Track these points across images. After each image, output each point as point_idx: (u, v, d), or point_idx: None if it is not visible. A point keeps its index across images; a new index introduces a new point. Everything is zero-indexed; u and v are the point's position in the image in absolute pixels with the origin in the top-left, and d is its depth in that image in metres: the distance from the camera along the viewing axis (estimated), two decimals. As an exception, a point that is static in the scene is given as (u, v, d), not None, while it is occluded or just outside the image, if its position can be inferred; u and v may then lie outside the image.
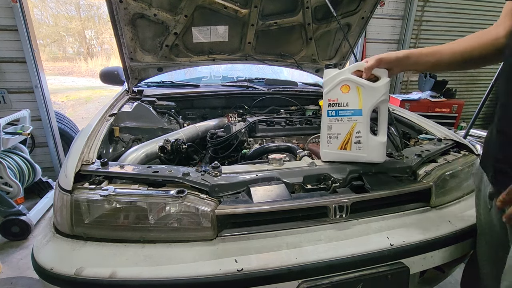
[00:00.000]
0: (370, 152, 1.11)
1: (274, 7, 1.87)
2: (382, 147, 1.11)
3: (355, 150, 1.12)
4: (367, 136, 1.09)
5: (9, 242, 2.27)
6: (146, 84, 2.23)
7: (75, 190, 0.94)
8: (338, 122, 1.13)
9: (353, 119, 1.10)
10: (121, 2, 1.56)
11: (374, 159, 1.12)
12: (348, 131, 1.11)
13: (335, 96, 1.12)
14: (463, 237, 1.06)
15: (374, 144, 1.10)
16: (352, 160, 1.14)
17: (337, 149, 1.15)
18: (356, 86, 1.08)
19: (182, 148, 1.41)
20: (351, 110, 1.10)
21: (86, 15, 16.22)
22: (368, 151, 1.11)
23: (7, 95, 2.89)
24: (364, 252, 0.92)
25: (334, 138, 1.15)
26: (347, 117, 1.11)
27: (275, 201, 0.97)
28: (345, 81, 1.10)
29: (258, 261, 0.86)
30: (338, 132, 1.14)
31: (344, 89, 1.10)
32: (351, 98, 1.10)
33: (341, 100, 1.11)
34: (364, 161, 1.13)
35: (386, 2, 4.18)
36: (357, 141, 1.11)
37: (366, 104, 1.08)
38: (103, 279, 0.81)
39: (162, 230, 0.93)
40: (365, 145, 1.10)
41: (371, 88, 1.07)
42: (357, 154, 1.12)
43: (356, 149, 1.12)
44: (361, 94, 1.08)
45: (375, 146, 1.10)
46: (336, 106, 1.13)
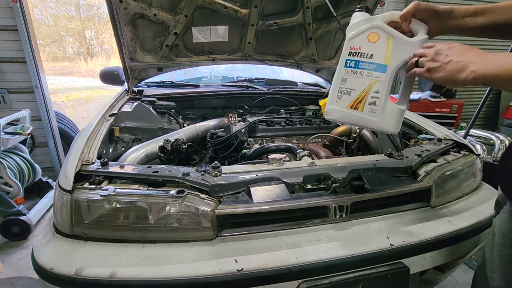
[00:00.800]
0: (384, 118, 0.93)
1: (274, 7, 1.87)
2: (399, 116, 0.93)
3: (367, 112, 0.94)
4: (385, 98, 0.91)
5: (9, 242, 2.27)
6: (146, 84, 2.23)
7: (75, 190, 0.94)
8: (355, 76, 0.95)
9: (373, 75, 0.92)
10: (121, 2, 1.57)
11: (386, 127, 0.94)
12: (365, 89, 0.93)
13: (359, 44, 0.94)
14: (463, 237, 1.07)
15: (391, 110, 0.92)
16: (360, 123, 0.98)
17: (346, 107, 0.97)
18: (387, 36, 0.90)
19: (182, 148, 1.41)
20: (374, 64, 0.92)
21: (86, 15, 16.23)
22: (381, 116, 0.93)
23: (7, 95, 2.89)
24: (364, 252, 0.92)
25: (346, 93, 0.97)
26: (367, 71, 0.93)
27: (275, 201, 0.97)
28: (375, 29, 0.92)
29: (258, 261, 0.86)
30: (352, 87, 0.96)
31: (372, 37, 0.92)
32: (377, 50, 0.91)
33: (365, 50, 0.93)
34: (374, 127, 0.97)
35: (386, 2, 4.18)
36: (372, 102, 0.93)
37: (393, 61, 0.89)
38: (103, 279, 0.81)
39: (162, 230, 0.93)
40: (380, 109, 0.92)
41: (404, 43, 0.87)
42: (368, 117, 0.94)
43: (368, 111, 0.94)
44: (390, 47, 0.90)
45: (392, 112, 0.92)
46: (357, 56, 0.94)
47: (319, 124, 1.75)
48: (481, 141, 2.82)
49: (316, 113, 2.08)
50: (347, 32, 1.00)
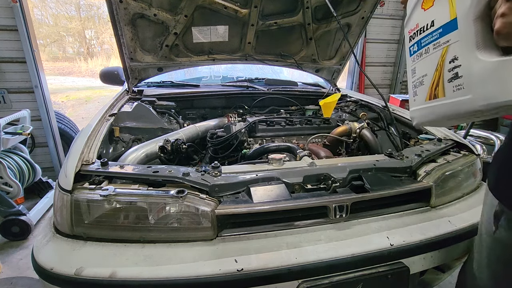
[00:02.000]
0: (480, 87, 0.59)
1: (274, 7, 1.87)
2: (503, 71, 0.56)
3: (452, 93, 0.65)
4: (471, 58, 0.60)
5: (9, 242, 2.27)
6: (146, 84, 2.24)
7: (75, 190, 0.94)
8: (422, 58, 0.73)
9: (442, 42, 0.66)
10: (121, 2, 1.57)
11: (490, 98, 0.58)
12: (437, 65, 0.68)
13: (416, 20, 0.74)
14: (463, 237, 1.06)
15: (487, 69, 0.58)
16: (452, 113, 0.67)
17: (424, 101, 0.73)
18: None
19: (182, 148, 1.41)
20: (439, 28, 0.67)
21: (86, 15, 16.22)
22: (474, 87, 0.60)
23: (7, 95, 2.88)
24: (364, 252, 0.92)
25: (419, 84, 0.74)
26: (433, 43, 0.69)
27: (275, 201, 0.97)
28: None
29: (258, 261, 0.86)
30: (423, 73, 0.73)
31: (427, 2, 0.70)
32: (437, 10, 0.68)
33: (424, 22, 0.71)
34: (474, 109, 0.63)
35: (386, 2, 4.18)
36: (454, 76, 0.64)
37: (462, 6, 0.61)
38: (103, 279, 0.81)
39: (162, 230, 0.93)
40: (467, 78, 0.61)
41: None
42: (455, 99, 0.64)
43: (453, 91, 0.64)
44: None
45: (489, 70, 0.58)
46: (417, 34, 0.74)
47: (319, 124, 1.75)
48: (481, 141, 2.82)
49: (316, 113, 2.08)
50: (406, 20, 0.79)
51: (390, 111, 1.74)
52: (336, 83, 2.51)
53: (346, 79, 4.53)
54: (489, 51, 0.59)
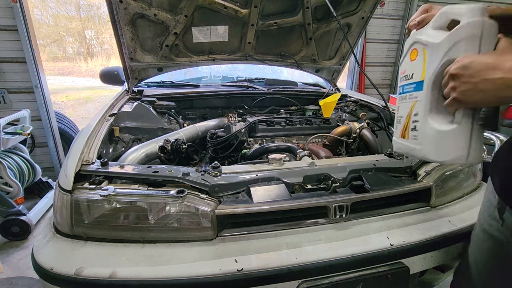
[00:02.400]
0: (426, 145, 0.77)
1: (274, 7, 1.87)
2: (444, 138, 0.72)
3: (411, 140, 0.81)
4: (424, 120, 0.75)
5: (9, 242, 2.27)
6: (146, 84, 2.24)
7: (75, 190, 0.94)
8: (402, 102, 0.85)
9: (413, 96, 0.79)
10: (121, 2, 1.56)
11: (428, 155, 0.77)
12: (408, 113, 0.82)
13: (404, 66, 0.85)
14: (463, 237, 1.06)
15: (430, 133, 0.74)
16: (411, 154, 0.85)
17: (399, 137, 0.88)
18: (423, 48, 0.76)
19: (182, 148, 1.41)
20: (414, 83, 0.79)
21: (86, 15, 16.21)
22: (423, 143, 0.77)
23: (7, 95, 2.88)
24: (364, 252, 0.92)
25: (398, 122, 0.88)
26: (409, 93, 0.82)
27: (275, 201, 0.97)
28: (414, 44, 0.80)
29: (258, 261, 0.86)
30: (401, 114, 0.86)
31: (413, 55, 0.81)
32: (416, 66, 0.79)
33: (408, 71, 0.83)
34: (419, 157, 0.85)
35: (386, 2, 4.18)
36: (414, 127, 0.80)
37: (429, 72, 0.74)
38: (103, 279, 0.81)
39: (162, 230, 0.93)
40: (420, 134, 0.78)
41: (434, 46, 0.72)
42: (412, 145, 0.81)
43: (412, 139, 0.81)
44: (426, 58, 0.75)
45: (432, 135, 0.74)
46: (403, 80, 0.85)
47: (319, 124, 1.75)
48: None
49: (316, 113, 2.08)
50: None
51: (390, 111, 1.74)
52: (336, 83, 2.51)
53: (346, 79, 4.53)
54: (437, 118, 0.73)
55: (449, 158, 0.74)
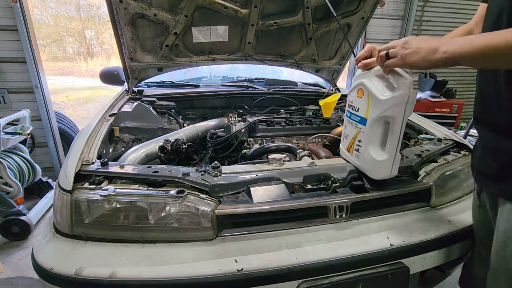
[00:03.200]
0: (365, 164, 1.08)
1: (274, 7, 1.87)
2: (378, 164, 1.03)
3: (355, 157, 1.12)
4: (365, 148, 1.05)
5: (9, 242, 2.27)
6: (146, 84, 2.23)
7: (75, 190, 0.94)
8: (350, 125, 1.12)
9: (358, 127, 1.07)
10: (121, 2, 1.56)
11: (367, 172, 1.08)
12: (353, 136, 1.10)
13: (353, 98, 1.10)
14: (463, 237, 1.07)
15: (369, 158, 1.05)
16: (353, 164, 1.16)
17: (345, 148, 1.18)
18: (368, 93, 1.01)
19: (182, 148, 1.41)
20: (359, 117, 1.06)
21: (86, 15, 16.21)
22: (363, 162, 1.08)
23: (7, 95, 2.88)
24: (364, 252, 0.92)
25: (345, 138, 1.17)
26: (355, 122, 1.08)
27: (275, 201, 0.97)
28: (361, 85, 1.04)
29: (258, 261, 0.86)
30: (348, 133, 1.14)
31: (360, 93, 1.05)
32: (362, 104, 1.04)
33: (355, 104, 1.08)
34: (360, 170, 1.12)
35: (386, 2, 4.18)
36: (357, 149, 1.10)
37: (371, 115, 1.00)
38: (103, 279, 0.81)
39: (162, 230, 0.93)
40: (362, 156, 1.08)
41: (377, 100, 0.96)
42: (355, 161, 1.13)
43: (355, 155, 1.11)
44: (370, 102, 1.00)
45: (370, 160, 1.05)
46: (351, 108, 1.11)
47: (319, 124, 1.75)
48: (481, 141, 2.82)
49: (316, 113, 2.08)
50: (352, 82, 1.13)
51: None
52: (336, 83, 2.51)
53: (346, 79, 4.52)
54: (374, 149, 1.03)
55: (380, 177, 1.05)
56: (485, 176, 0.88)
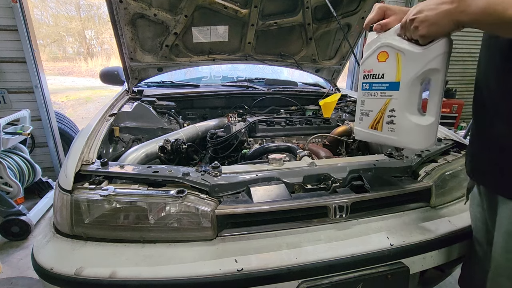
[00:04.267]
0: (404, 136, 0.92)
1: (274, 7, 1.87)
2: (422, 131, 0.89)
3: (386, 132, 0.96)
4: (402, 115, 0.91)
5: (9, 242, 2.27)
6: (146, 84, 2.23)
7: (75, 190, 0.94)
8: (371, 98, 0.98)
9: (387, 94, 0.92)
10: (121, 2, 1.56)
11: (408, 144, 0.94)
12: (381, 109, 0.95)
13: (371, 66, 0.96)
14: (463, 237, 1.06)
15: (409, 126, 0.90)
16: (383, 142, 1.01)
17: (367, 128, 1.02)
18: (396, 52, 0.88)
19: (182, 148, 1.41)
20: (386, 83, 0.92)
21: (86, 15, 16.22)
22: (400, 134, 0.92)
23: (7, 95, 2.88)
24: (364, 252, 0.92)
25: (365, 115, 1.01)
26: (380, 91, 0.94)
27: (275, 201, 0.97)
28: (384, 47, 0.91)
29: (258, 261, 0.86)
30: (370, 108, 0.99)
31: (381, 57, 0.92)
32: (388, 68, 0.91)
33: (376, 71, 0.94)
34: (396, 145, 1.00)
35: (386, 2, 4.18)
36: (390, 121, 0.94)
37: (405, 76, 0.87)
38: (103, 279, 0.81)
39: (162, 230, 0.93)
40: (398, 127, 0.92)
41: (413, 55, 0.84)
42: (388, 136, 0.96)
43: (387, 130, 0.95)
44: (400, 62, 0.87)
45: (411, 128, 0.90)
46: (370, 78, 0.97)
47: (319, 124, 1.75)
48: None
49: (316, 113, 2.08)
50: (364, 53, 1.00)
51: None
52: (336, 83, 2.51)
53: (346, 79, 4.52)
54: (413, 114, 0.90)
55: (425, 146, 0.92)
56: (484, 172, 0.86)
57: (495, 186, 0.84)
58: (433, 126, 0.89)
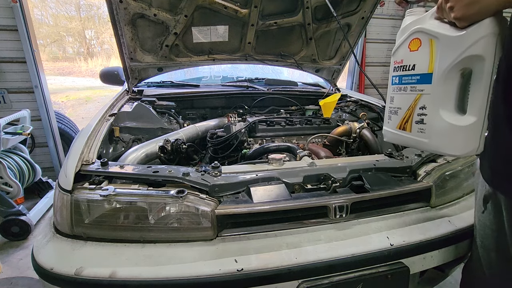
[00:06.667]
0: (436, 139, 0.77)
1: (274, 7, 1.87)
2: (459, 133, 0.73)
3: (416, 133, 0.82)
4: (434, 113, 0.76)
5: (9, 242, 2.27)
6: (146, 84, 2.23)
7: (75, 190, 0.94)
8: (400, 93, 0.84)
9: (417, 89, 0.79)
10: (121, 2, 1.56)
11: (441, 149, 0.79)
12: (410, 106, 0.81)
13: (402, 56, 0.83)
14: (463, 237, 1.06)
15: (443, 127, 0.74)
16: (412, 145, 0.87)
17: (395, 128, 0.88)
18: (429, 39, 0.74)
19: (182, 148, 1.41)
20: (417, 75, 0.78)
21: (86, 15, 16.22)
22: (432, 137, 0.78)
23: (7, 95, 2.88)
24: (364, 252, 0.92)
25: (394, 113, 0.87)
26: (410, 85, 0.80)
27: (275, 201, 0.97)
28: (416, 33, 0.78)
29: (258, 261, 0.86)
30: (399, 105, 0.85)
31: (413, 45, 0.78)
32: (419, 57, 0.78)
33: (407, 62, 0.81)
34: (428, 150, 0.86)
35: (386, 2, 4.18)
36: (419, 120, 0.79)
37: (439, 66, 0.73)
38: (103, 279, 0.81)
39: (162, 230, 0.93)
40: (429, 127, 0.78)
41: (449, 40, 0.70)
42: (417, 138, 0.82)
43: (417, 131, 0.81)
44: (434, 50, 0.73)
45: (445, 129, 0.74)
46: (400, 70, 0.84)
47: (319, 124, 1.75)
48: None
49: (316, 113, 2.08)
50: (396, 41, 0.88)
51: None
52: (336, 83, 2.51)
53: (346, 79, 4.52)
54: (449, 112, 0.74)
55: (464, 152, 0.75)
56: (506, 176, 0.72)
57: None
58: (475, 128, 0.72)
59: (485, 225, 0.93)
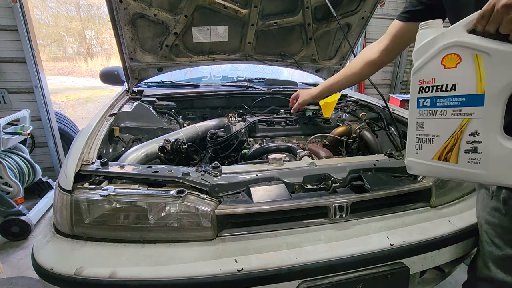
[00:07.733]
0: (497, 169, 0.67)
1: (274, 7, 1.87)
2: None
3: (466, 164, 0.70)
4: (491, 140, 0.66)
5: (9, 242, 2.27)
6: (146, 84, 2.23)
7: (75, 190, 0.94)
8: (436, 118, 0.73)
9: (464, 112, 0.68)
10: (121, 2, 1.56)
11: (502, 180, 0.68)
12: (454, 132, 0.70)
13: (432, 74, 0.72)
14: (463, 237, 1.06)
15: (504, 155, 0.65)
16: (459, 179, 0.77)
17: (431, 159, 0.77)
18: (474, 54, 0.65)
19: (182, 148, 1.41)
20: (462, 97, 0.68)
21: (86, 15, 16.23)
22: (491, 167, 0.67)
23: (7, 95, 2.89)
24: (364, 252, 0.92)
25: (427, 142, 0.76)
26: (452, 108, 0.70)
27: (275, 201, 0.97)
28: (452, 47, 0.68)
29: (258, 261, 0.86)
30: (434, 133, 0.75)
31: (449, 61, 0.68)
32: (462, 75, 0.67)
33: (443, 81, 0.70)
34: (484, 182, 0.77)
35: (386, 2, 4.18)
36: (472, 149, 0.68)
37: (494, 85, 0.64)
38: (103, 279, 0.81)
39: (162, 230, 0.93)
40: (486, 156, 0.67)
41: (505, 56, 0.62)
42: (469, 170, 0.70)
43: (467, 162, 0.70)
44: (482, 67, 0.64)
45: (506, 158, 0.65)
46: (432, 91, 0.72)
47: (319, 124, 1.75)
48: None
49: (316, 113, 2.07)
50: (413, 58, 0.77)
51: (390, 111, 1.74)
52: (336, 83, 2.50)
53: (346, 79, 4.52)
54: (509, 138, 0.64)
55: None
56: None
57: None
58: None
59: (488, 222, 0.93)
